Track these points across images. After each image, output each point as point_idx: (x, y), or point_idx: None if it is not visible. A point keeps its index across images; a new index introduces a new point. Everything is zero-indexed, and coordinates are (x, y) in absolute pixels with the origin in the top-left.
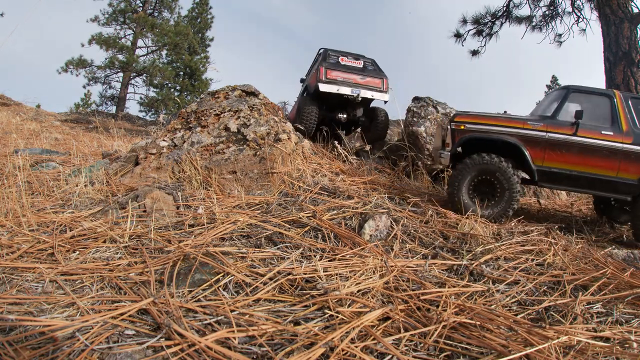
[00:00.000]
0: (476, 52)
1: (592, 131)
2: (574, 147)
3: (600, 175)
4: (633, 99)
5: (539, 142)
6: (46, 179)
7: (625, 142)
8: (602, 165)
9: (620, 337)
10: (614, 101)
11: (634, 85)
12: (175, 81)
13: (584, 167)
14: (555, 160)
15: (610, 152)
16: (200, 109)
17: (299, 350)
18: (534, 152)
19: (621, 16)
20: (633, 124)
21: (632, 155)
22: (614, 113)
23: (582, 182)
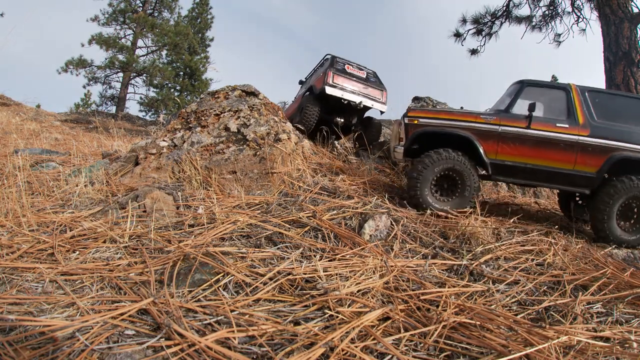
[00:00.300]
0: (475, 52)
1: (547, 124)
2: (528, 140)
3: (557, 168)
4: (591, 91)
5: (492, 136)
6: (46, 179)
7: (581, 134)
8: (558, 158)
9: (620, 337)
10: (570, 94)
11: (634, 85)
12: (175, 81)
13: (539, 160)
14: (509, 154)
15: (566, 144)
16: (200, 109)
17: (299, 350)
18: (487, 145)
19: (621, 16)
20: (590, 117)
21: (589, 147)
22: (570, 106)
23: (537, 175)
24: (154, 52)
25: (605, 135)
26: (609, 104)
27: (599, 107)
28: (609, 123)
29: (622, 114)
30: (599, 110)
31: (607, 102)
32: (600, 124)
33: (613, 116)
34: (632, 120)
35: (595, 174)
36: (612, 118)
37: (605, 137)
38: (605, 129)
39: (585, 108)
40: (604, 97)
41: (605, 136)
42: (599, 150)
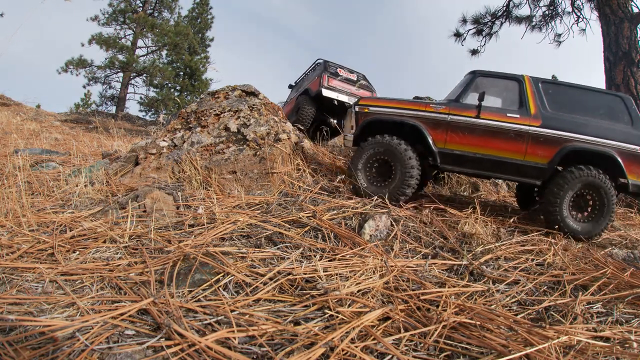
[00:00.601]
0: (476, 52)
1: (497, 114)
2: (477, 130)
3: (506, 159)
4: (544, 82)
5: (440, 125)
6: (46, 179)
7: (532, 124)
8: (508, 148)
9: (620, 337)
10: (522, 85)
11: (634, 85)
12: (175, 81)
13: (488, 150)
14: (457, 143)
15: (516, 134)
16: (200, 109)
17: (299, 350)
18: (435, 134)
19: (621, 16)
20: (542, 107)
21: (540, 138)
22: (523, 96)
23: (486, 165)
24: (154, 52)
25: (558, 126)
26: (563, 95)
27: (552, 98)
28: (562, 114)
29: (577, 105)
30: (553, 101)
31: (561, 93)
32: (553, 114)
33: (567, 107)
34: (586, 112)
35: (546, 165)
36: (566, 109)
37: (558, 127)
38: (558, 119)
39: (537, 99)
40: (559, 88)
41: (558, 127)
42: (551, 141)
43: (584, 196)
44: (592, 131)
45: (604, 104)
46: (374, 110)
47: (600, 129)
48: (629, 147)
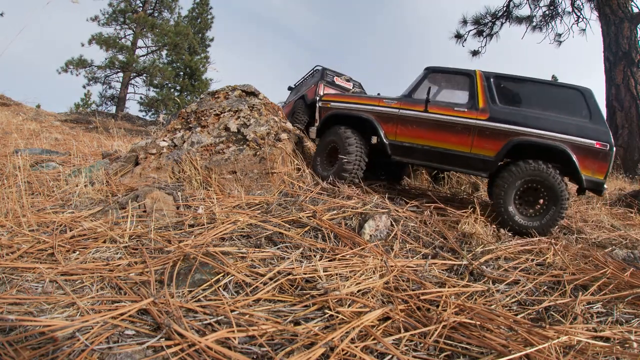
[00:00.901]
0: (477, 53)
1: (445, 108)
2: (425, 123)
3: (453, 151)
4: (497, 77)
5: (392, 118)
6: (46, 179)
7: (479, 118)
8: (455, 141)
9: (620, 337)
10: (473, 80)
11: (634, 85)
12: (175, 81)
13: (435, 142)
14: (407, 135)
15: (462, 127)
16: (200, 109)
17: (299, 350)
18: (387, 127)
19: (621, 16)
20: (492, 101)
21: (486, 131)
22: (472, 91)
23: (435, 156)
24: (154, 52)
25: (505, 120)
26: (515, 89)
27: (503, 92)
28: (512, 108)
29: (531, 99)
30: (503, 95)
31: (513, 87)
32: (502, 108)
33: (519, 101)
34: (540, 105)
35: (493, 158)
36: (517, 103)
37: (505, 121)
38: (507, 113)
39: (487, 93)
40: (512, 83)
41: (505, 120)
42: (497, 135)
43: (532, 191)
44: (543, 125)
45: (562, 97)
46: (334, 105)
47: (553, 123)
48: (584, 142)
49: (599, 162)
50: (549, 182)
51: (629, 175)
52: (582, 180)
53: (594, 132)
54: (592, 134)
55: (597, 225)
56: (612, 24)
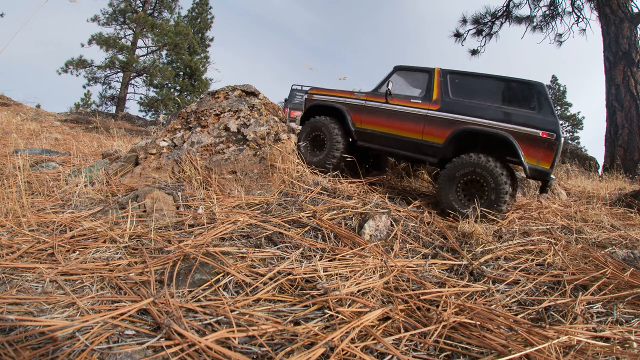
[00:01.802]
0: (476, 52)
1: (403, 100)
2: (384, 112)
3: (407, 137)
4: (453, 73)
5: (358, 109)
6: (46, 179)
7: (431, 108)
8: (409, 129)
9: (620, 337)
10: (431, 76)
11: (634, 85)
12: (175, 81)
13: (393, 130)
14: (370, 123)
15: (415, 116)
16: (200, 109)
17: (299, 350)
18: (354, 116)
19: (621, 16)
20: (445, 94)
21: (436, 120)
22: (429, 85)
23: (392, 142)
24: (154, 52)
25: (454, 110)
26: (468, 84)
27: (456, 87)
28: (462, 100)
29: (482, 93)
30: (456, 89)
31: (468, 82)
32: (453, 100)
33: (469, 94)
34: (489, 98)
35: (441, 145)
36: (468, 96)
37: (454, 111)
38: (456, 104)
39: (442, 87)
40: (466, 79)
41: (454, 111)
42: (445, 123)
43: (474, 181)
44: (488, 115)
45: (513, 91)
46: (316, 97)
47: (499, 113)
48: (529, 131)
49: (544, 151)
50: (489, 172)
51: (629, 175)
52: (526, 168)
53: (541, 122)
54: (538, 124)
55: (597, 225)
56: (612, 24)
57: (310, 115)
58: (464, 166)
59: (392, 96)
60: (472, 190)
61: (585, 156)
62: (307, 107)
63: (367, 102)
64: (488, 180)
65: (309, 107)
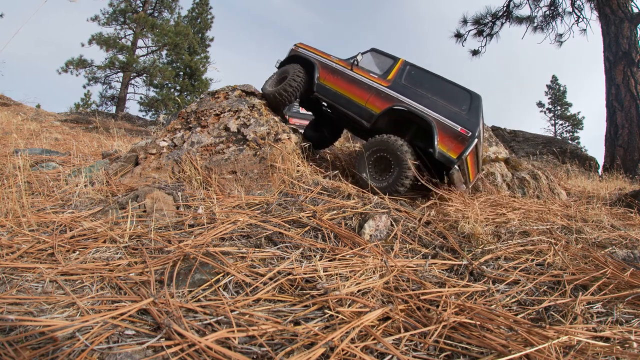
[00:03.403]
0: (477, 52)
1: (364, 72)
2: (345, 76)
3: (355, 101)
4: (412, 66)
5: (327, 67)
6: (46, 179)
7: (382, 84)
8: (359, 94)
9: (620, 337)
10: (395, 62)
11: (634, 85)
12: (175, 81)
13: (346, 92)
14: (331, 82)
15: (368, 87)
16: (200, 109)
17: (299, 350)
18: (322, 72)
19: (621, 16)
20: (398, 78)
21: (382, 93)
22: (390, 68)
23: (341, 100)
24: (154, 52)
25: (399, 91)
26: (420, 77)
27: (410, 76)
28: (410, 86)
29: (426, 86)
30: (409, 78)
31: (421, 76)
32: (402, 84)
33: (418, 84)
34: (433, 92)
35: (377, 114)
36: (416, 85)
37: (398, 91)
38: (403, 87)
39: (399, 73)
40: (421, 73)
41: (399, 91)
42: (387, 98)
43: (383, 158)
44: (424, 102)
45: (454, 93)
46: (300, 51)
47: (433, 104)
48: (450, 123)
49: (457, 143)
50: (393, 149)
51: (629, 175)
52: (436, 151)
53: (464, 121)
54: (461, 121)
55: (597, 225)
56: (612, 24)
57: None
58: (376, 144)
59: (357, 67)
60: (382, 166)
61: (585, 156)
62: (290, 55)
63: (336, 65)
64: (393, 157)
65: (290, 56)
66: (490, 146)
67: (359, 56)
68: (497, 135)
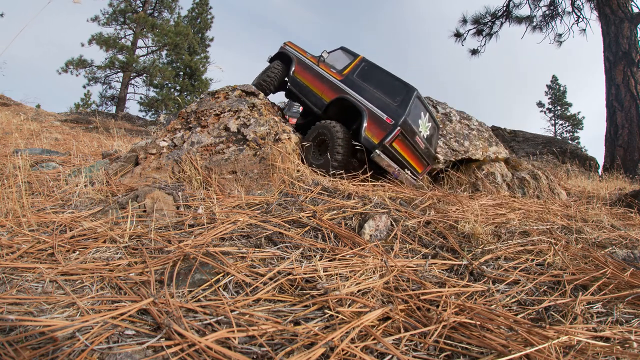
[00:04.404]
0: (476, 52)
1: (327, 67)
2: (313, 72)
3: (314, 92)
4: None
5: (301, 63)
6: (46, 179)
7: (337, 78)
8: (318, 87)
9: (620, 337)
10: (354, 59)
11: (634, 85)
12: (175, 81)
13: (310, 84)
14: (302, 76)
15: (326, 80)
16: (200, 109)
17: (299, 350)
18: (297, 67)
19: (621, 16)
20: (351, 73)
21: (333, 86)
22: (348, 65)
23: (306, 92)
24: (154, 52)
25: (348, 84)
26: (370, 72)
27: (362, 71)
28: (358, 80)
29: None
30: (360, 73)
31: (370, 71)
32: (352, 78)
33: (366, 78)
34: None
35: (327, 102)
36: (365, 79)
37: (347, 84)
38: (352, 81)
39: (354, 69)
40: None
41: (347, 84)
42: (336, 89)
43: (323, 140)
44: (364, 95)
45: (394, 86)
46: (286, 48)
47: (372, 96)
48: (379, 112)
49: (381, 130)
50: (329, 131)
51: (629, 175)
52: (362, 136)
53: (392, 112)
54: (389, 112)
55: (597, 225)
56: (612, 24)
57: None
58: (317, 128)
59: (323, 63)
60: (322, 148)
61: (585, 156)
62: (278, 51)
63: (308, 62)
64: (329, 138)
65: (279, 52)
66: (490, 146)
67: (324, 54)
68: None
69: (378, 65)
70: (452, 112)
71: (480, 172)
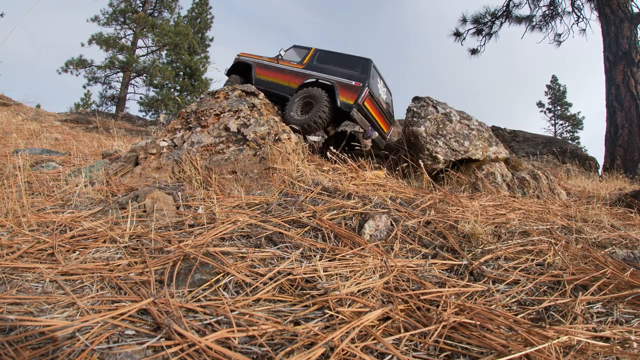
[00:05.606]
0: (476, 51)
1: (287, 62)
2: (274, 69)
3: (281, 83)
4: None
5: (260, 65)
6: (46, 179)
7: (299, 68)
8: (284, 78)
9: (620, 337)
10: (309, 51)
11: (634, 85)
12: (175, 81)
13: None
14: (265, 74)
15: (290, 72)
16: (200, 109)
17: (299, 350)
18: (258, 70)
19: (621, 16)
20: (311, 61)
21: (298, 74)
22: (305, 56)
23: (273, 85)
24: (154, 52)
25: (309, 69)
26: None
27: (319, 58)
28: (318, 65)
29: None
30: (318, 59)
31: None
32: (313, 65)
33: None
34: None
35: (296, 88)
36: (323, 63)
37: (309, 69)
38: (313, 67)
39: (311, 58)
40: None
41: (309, 69)
42: (301, 76)
43: (307, 102)
44: (328, 72)
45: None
46: (242, 58)
47: (335, 72)
48: (347, 81)
49: (352, 93)
50: (316, 95)
51: (629, 175)
52: (337, 102)
53: (357, 77)
54: (354, 78)
55: (597, 225)
56: (612, 24)
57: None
58: (305, 92)
59: (282, 60)
60: (306, 108)
61: (585, 156)
62: (234, 63)
63: (267, 62)
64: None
65: (234, 63)
66: (490, 146)
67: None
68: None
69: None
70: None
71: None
